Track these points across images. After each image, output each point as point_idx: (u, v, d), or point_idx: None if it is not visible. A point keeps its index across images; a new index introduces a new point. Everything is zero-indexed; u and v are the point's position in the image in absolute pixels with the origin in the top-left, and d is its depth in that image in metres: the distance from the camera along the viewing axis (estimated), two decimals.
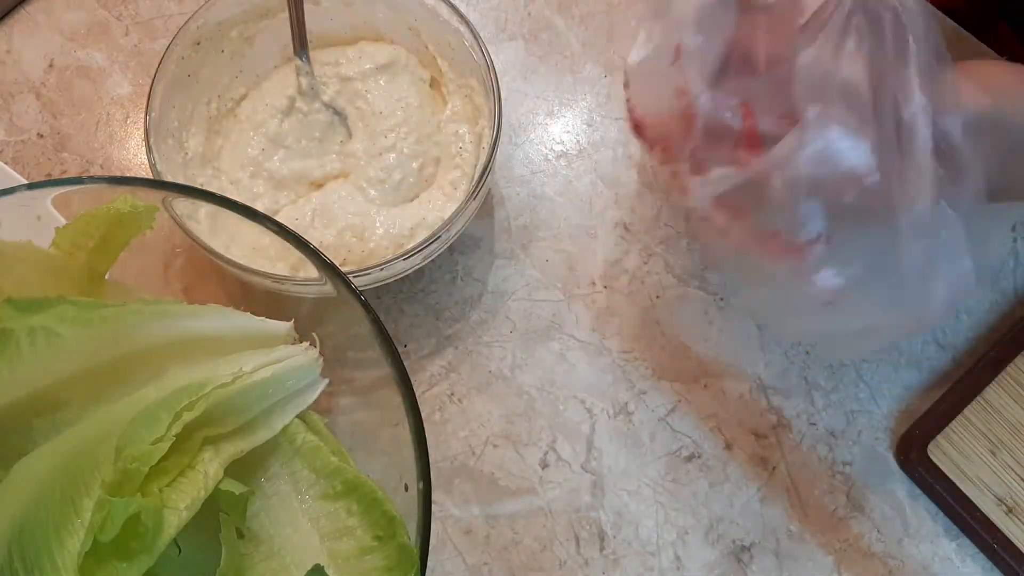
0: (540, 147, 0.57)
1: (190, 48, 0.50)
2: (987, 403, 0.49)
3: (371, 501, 0.37)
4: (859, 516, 0.49)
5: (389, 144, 0.52)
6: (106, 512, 0.30)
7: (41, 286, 0.38)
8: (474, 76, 0.51)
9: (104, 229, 0.40)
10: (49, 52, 0.59)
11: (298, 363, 0.40)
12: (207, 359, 0.39)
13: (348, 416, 0.44)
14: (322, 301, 0.43)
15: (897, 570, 0.48)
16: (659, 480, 0.50)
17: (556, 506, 0.49)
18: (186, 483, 0.34)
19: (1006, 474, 0.48)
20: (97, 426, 0.35)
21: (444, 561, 0.48)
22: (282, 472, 0.39)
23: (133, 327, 0.37)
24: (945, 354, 0.52)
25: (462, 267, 0.54)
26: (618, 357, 0.52)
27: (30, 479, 0.33)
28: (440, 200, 0.52)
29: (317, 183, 0.53)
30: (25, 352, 0.35)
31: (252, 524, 0.38)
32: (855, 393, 0.52)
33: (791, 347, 0.52)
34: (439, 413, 0.51)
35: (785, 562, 0.48)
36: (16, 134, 0.57)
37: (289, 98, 0.53)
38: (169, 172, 0.48)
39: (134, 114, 0.58)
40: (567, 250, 0.54)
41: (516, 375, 0.52)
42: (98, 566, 0.30)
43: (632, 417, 0.51)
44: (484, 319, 0.53)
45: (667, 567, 0.48)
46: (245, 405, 0.37)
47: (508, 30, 0.60)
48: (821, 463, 0.50)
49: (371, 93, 0.53)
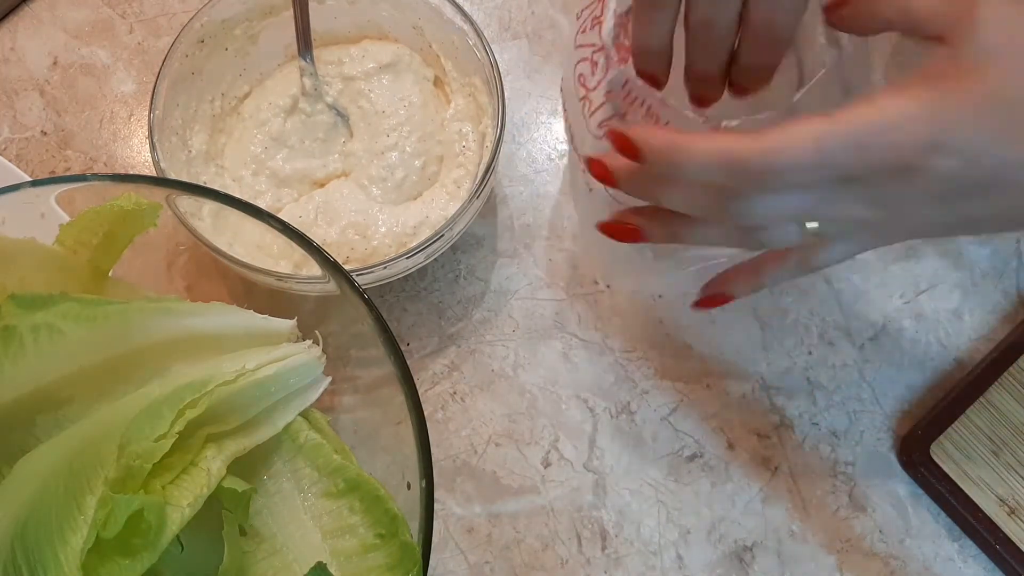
0: (543, 146, 0.57)
1: (194, 46, 0.50)
2: (989, 404, 0.49)
3: (373, 499, 0.38)
4: (861, 516, 0.49)
5: (392, 143, 0.52)
6: (109, 509, 0.30)
7: (45, 283, 0.38)
8: (478, 75, 0.51)
9: (108, 226, 0.40)
10: (53, 49, 0.59)
11: (301, 361, 0.40)
12: (210, 357, 0.39)
13: (351, 414, 0.44)
14: (325, 299, 0.43)
15: (899, 570, 0.48)
16: (661, 480, 0.50)
17: (558, 505, 0.49)
18: (189, 480, 0.34)
19: (1008, 475, 0.48)
20: (100, 423, 0.35)
21: (446, 559, 0.48)
22: (285, 470, 0.39)
23: (136, 324, 0.37)
24: (948, 355, 0.52)
25: (465, 266, 0.54)
26: (620, 356, 0.52)
27: (33, 476, 0.33)
28: (443, 199, 0.52)
29: (320, 182, 0.53)
30: (29, 349, 0.35)
31: (255, 521, 0.38)
32: (857, 393, 0.52)
33: (793, 347, 0.52)
34: (441, 411, 0.51)
35: (787, 562, 0.48)
36: (20, 131, 0.57)
37: (292, 97, 0.53)
38: (173, 170, 0.48)
39: (138, 112, 0.58)
40: (570, 249, 0.54)
41: (518, 374, 0.52)
42: (101, 563, 0.31)
43: (634, 416, 0.51)
44: (487, 318, 0.53)
45: (669, 567, 0.48)
46: (248, 403, 0.37)
47: (512, 29, 0.60)
48: (823, 463, 0.50)
49: (374, 92, 0.53)
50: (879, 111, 0.32)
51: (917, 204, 0.34)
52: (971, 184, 0.32)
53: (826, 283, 0.54)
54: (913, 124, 0.31)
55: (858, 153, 0.32)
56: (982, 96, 0.31)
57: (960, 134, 0.31)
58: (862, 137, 0.32)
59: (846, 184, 0.33)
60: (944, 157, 0.31)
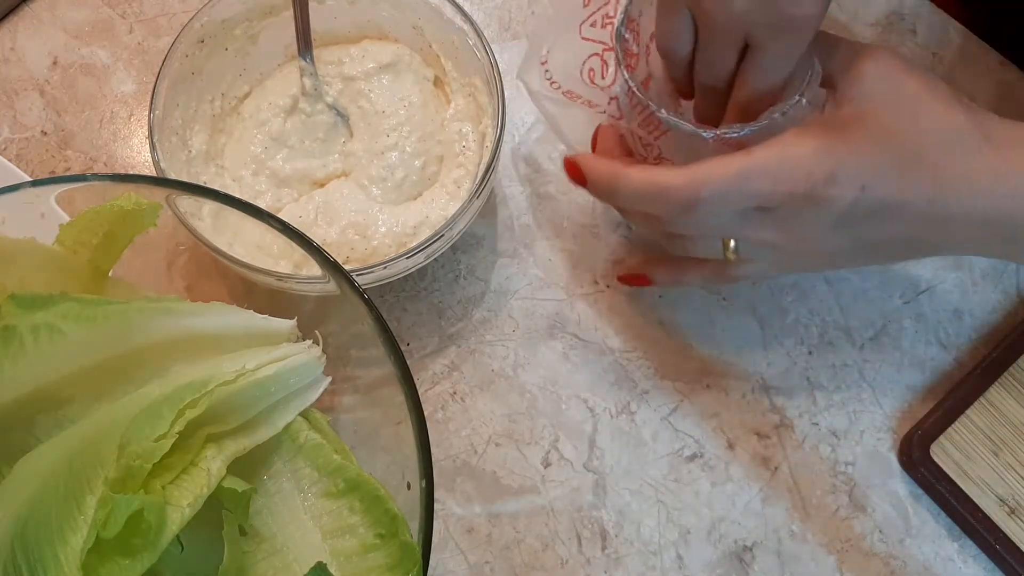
0: (543, 146, 0.57)
1: (194, 46, 0.50)
2: (990, 403, 0.49)
3: (373, 499, 0.38)
4: (861, 516, 0.49)
5: (392, 143, 0.52)
6: (109, 509, 0.30)
7: (45, 283, 0.38)
8: (478, 75, 0.51)
9: (108, 226, 0.40)
10: (53, 49, 0.59)
11: (301, 361, 0.40)
12: (210, 357, 0.39)
13: (351, 414, 0.44)
14: (325, 299, 0.43)
15: (899, 570, 0.48)
16: (661, 480, 0.50)
17: (558, 505, 0.49)
18: (189, 480, 0.34)
19: (1008, 475, 0.48)
20: (100, 423, 0.35)
21: (446, 559, 0.48)
22: (285, 470, 0.39)
23: (136, 325, 0.37)
24: (948, 354, 0.52)
25: (465, 266, 0.54)
26: (620, 356, 0.52)
27: (33, 476, 0.33)
28: (443, 199, 0.52)
29: (320, 182, 0.53)
30: (28, 349, 0.35)
31: (255, 521, 0.38)
32: (857, 393, 0.52)
33: (793, 347, 0.52)
34: (441, 411, 0.51)
35: (787, 562, 0.48)
36: (20, 131, 0.57)
37: (292, 97, 0.53)
38: (173, 170, 0.48)
39: (138, 112, 0.58)
40: (570, 249, 0.54)
41: (519, 374, 0.52)
42: (101, 563, 0.31)
43: (634, 416, 0.51)
44: (487, 318, 0.53)
45: (669, 566, 0.48)
46: (248, 403, 0.37)
47: (512, 29, 0.60)
48: (823, 463, 0.50)
49: (374, 92, 0.53)
50: (786, 149, 0.38)
51: (820, 229, 0.39)
52: (865, 210, 0.38)
53: (826, 283, 0.54)
54: (813, 161, 0.37)
55: (769, 183, 0.37)
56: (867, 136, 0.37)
57: (852, 169, 0.37)
58: (773, 170, 0.37)
59: (760, 211, 0.39)
60: (839, 187, 0.37)
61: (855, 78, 0.38)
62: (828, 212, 0.38)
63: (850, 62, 0.39)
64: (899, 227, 0.38)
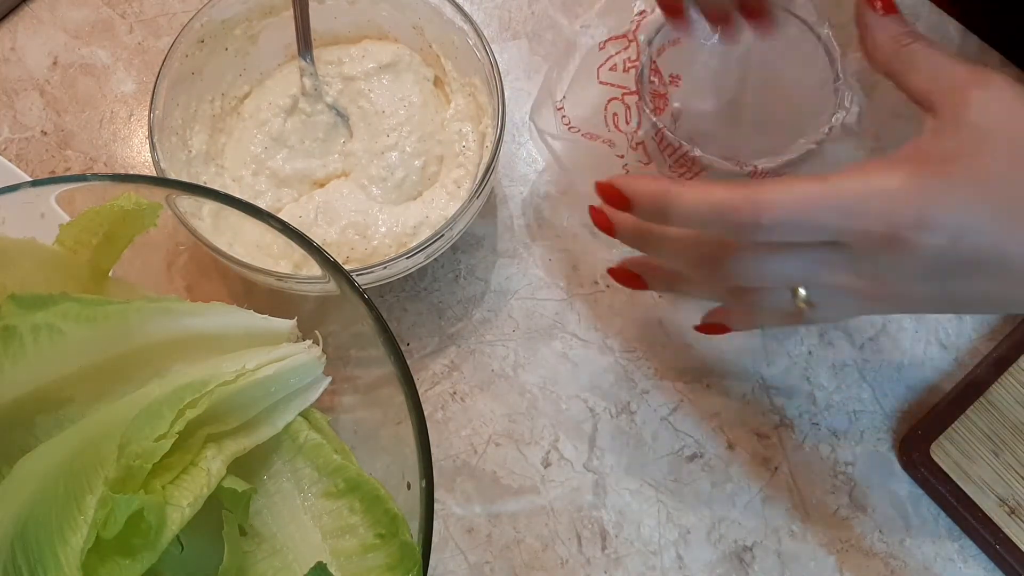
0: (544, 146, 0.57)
1: (194, 46, 0.50)
2: (990, 403, 0.49)
3: (373, 499, 0.38)
4: (861, 516, 0.49)
5: (391, 143, 0.52)
6: (109, 509, 0.30)
7: (45, 283, 0.38)
8: (478, 75, 0.51)
9: (108, 226, 0.40)
10: (53, 49, 0.59)
11: (301, 361, 0.40)
12: (210, 357, 0.39)
13: (350, 414, 0.44)
14: (325, 299, 0.43)
15: (899, 570, 0.48)
16: (661, 480, 0.50)
17: (558, 505, 0.49)
18: (189, 480, 0.34)
19: (1008, 475, 0.48)
20: (100, 423, 0.35)
21: (446, 559, 0.48)
22: (284, 470, 0.39)
23: (136, 324, 0.38)
24: (948, 354, 0.52)
25: (465, 266, 0.54)
26: (620, 356, 0.52)
27: (33, 476, 0.33)
28: (443, 199, 0.52)
29: (320, 182, 0.53)
30: (28, 349, 0.35)
31: (254, 521, 0.38)
32: (858, 393, 0.52)
33: (793, 347, 0.52)
34: (441, 411, 0.51)
35: (787, 562, 0.48)
36: (20, 131, 0.57)
37: (292, 97, 0.53)
38: (172, 169, 0.48)
39: (138, 111, 0.58)
40: (570, 249, 0.54)
41: (519, 374, 0.52)
42: (101, 563, 0.31)
43: (634, 416, 0.51)
44: (487, 318, 0.53)
45: (669, 566, 0.48)
46: (248, 403, 0.38)
47: (512, 29, 0.60)
48: (823, 463, 0.50)
49: (374, 92, 0.53)
50: (868, 181, 0.32)
51: (904, 277, 0.34)
52: (956, 263, 0.33)
53: None
54: (900, 197, 0.32)
55: (845, 218, 0.32)
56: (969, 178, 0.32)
57: (947, 213, 0.32)
58: (850, 203, 0.32)
59: (835, 250, 0.34)
60: (930, 234, 0.32)
61: (960, 105, 0.33)
62: (912, 260, 0.33)
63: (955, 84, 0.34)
64: (992, 284, 0.33)
